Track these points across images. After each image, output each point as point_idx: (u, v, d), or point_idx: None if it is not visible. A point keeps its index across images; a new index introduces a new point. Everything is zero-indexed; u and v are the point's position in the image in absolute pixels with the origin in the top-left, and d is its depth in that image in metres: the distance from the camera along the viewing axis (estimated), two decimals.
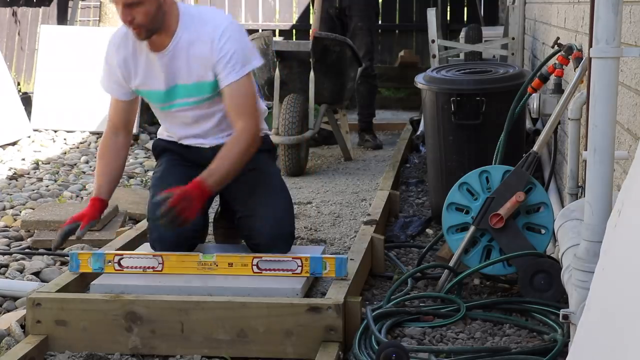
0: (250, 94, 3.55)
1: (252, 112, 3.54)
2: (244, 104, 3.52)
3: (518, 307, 3.37)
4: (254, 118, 3.54)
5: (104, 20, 8.66)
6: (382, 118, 8.51)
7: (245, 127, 3.49)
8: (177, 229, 3.49)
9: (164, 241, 3.54)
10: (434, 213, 4.72)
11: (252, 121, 3.52)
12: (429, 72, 4.76)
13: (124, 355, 3.08)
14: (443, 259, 3.80)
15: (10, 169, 6.18)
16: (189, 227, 3.49)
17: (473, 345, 3.07)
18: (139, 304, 3.09)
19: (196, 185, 3.37)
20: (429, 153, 4.81)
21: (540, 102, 3.99)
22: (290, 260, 3.37)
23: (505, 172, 3.62)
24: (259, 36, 6.20)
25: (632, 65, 2.94)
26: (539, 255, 3.48)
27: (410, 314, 3.29)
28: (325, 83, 6.12)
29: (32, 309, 3.12)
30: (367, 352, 2.92)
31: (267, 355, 3.04)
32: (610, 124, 2.30)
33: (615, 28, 2.24)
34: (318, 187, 5.56)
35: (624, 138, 3.00)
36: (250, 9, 12.44)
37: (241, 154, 3.47)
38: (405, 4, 11.70)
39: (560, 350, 2.84)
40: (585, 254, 2.34)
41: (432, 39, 6.76)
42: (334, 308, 3.01)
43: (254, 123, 3.53)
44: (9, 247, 4.41)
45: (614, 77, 2.29)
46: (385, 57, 11.55)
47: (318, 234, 4.40)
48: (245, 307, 3.05)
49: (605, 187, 2.32)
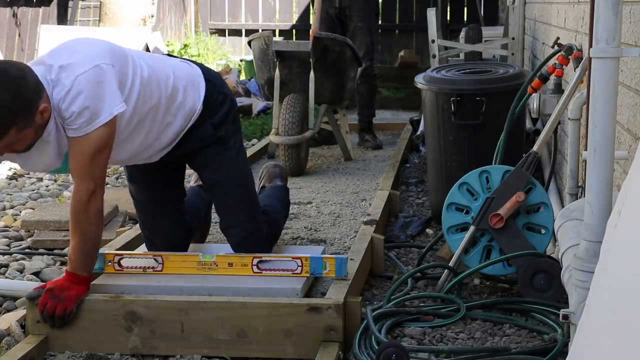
0: (85, 153, 3.10)
1: (86, 173, 3.11)
2: (77, 161, 3.13)
3: (518, 307, 3.37)
4: (85, 180, 3.12)
5: (104, 20, 8.66)
6: (382, 118, 8.51)
7: (74, 193, 3.15)
8: (169, 236, 3.53)
9: (159, 235, 3.62)
10: (434, 213, 4.72)
11: (82, 184, 3.13)
12: (429, 72, 4.76)
13: (124, 355, 3.08)
14: (443, 259, 3.80)
15: (10, 169, 6.17)
16: (178, 234, 3.59)
17: (473, 345, 3.07)
18: (139, 304, 3.09)
19: (66, 277, 3.15)
20: (429, 153, 4.81)
21: (540, 102, 3.99)
22: (290, 260, 3.37)
23: (505, 172, 3.62)
24: (259, 36, 6.20)
25: (632, 65, 2.94)
26: (539, 255, 3.48)
27: (410, 314, 3.29)
28: (325, 83, 6.12)
29: (32, 309, 3.11)
30: (367, 352, 2.92)
31: (267, 355, 3.04)
32: (610, 124, 2.30)
33: (615, 28, 2.24)
34: (318, 187, 5.56)
35: (624, 138, 3.00)
36: (250, 9, 12.44)
37: (76, 225, 3.13)
38: (405, 4, 11.72)
39: (560, 350, 2.84)
40: (585, 254, 2.34)
41: (432, 39, 6.76)
42: (334, 308, 3.01)
43: (85, 185, 3.12)
44: (9, 247, 4.41)
45: (614, 77, 2.29)
46: (385, 57, 11.56)
47: (318, 234, 4.39)
48: (245, 307, 3.05)
49: (605, 187, 2.32)
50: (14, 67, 2.99)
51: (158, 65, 3.38)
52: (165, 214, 3.62)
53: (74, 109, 3.03)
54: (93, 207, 3.13)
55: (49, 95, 3.02)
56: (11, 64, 3.02)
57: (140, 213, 3.68)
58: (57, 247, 4.36)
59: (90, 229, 3.16)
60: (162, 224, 3.62)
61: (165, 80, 3.36)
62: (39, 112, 2.98)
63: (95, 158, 3.11)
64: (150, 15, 9.66)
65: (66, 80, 3.03)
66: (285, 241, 4.25)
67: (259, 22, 12.35)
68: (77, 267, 3.15)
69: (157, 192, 3.63)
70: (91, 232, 3.16)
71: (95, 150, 3.09)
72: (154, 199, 3.63)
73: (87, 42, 3.21)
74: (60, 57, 3.11)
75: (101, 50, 3.14)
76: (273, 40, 6.11)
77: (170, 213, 3.63)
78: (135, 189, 3.65)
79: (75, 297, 3.10)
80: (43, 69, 3.06)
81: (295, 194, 5.33)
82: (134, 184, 3.64)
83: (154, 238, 3.64)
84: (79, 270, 3.15)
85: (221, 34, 12.60)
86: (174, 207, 3.65)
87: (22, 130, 2.96)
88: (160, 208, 3.62)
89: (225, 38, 12.56)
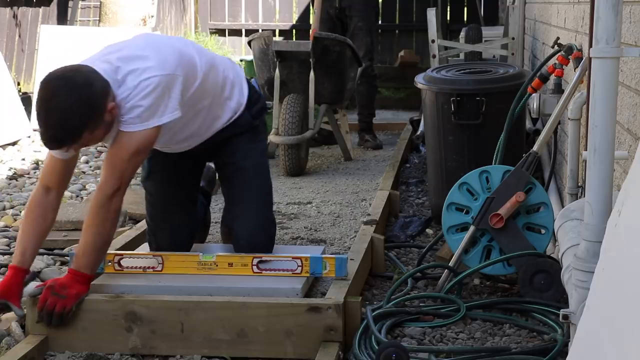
0: (122, 151, 3.18)
1: (115, 171, 3.18)
2: (112, 157, 3.21)
3: (518, 307, 3.37)
4: (114, 177, 3.18)
5: (104, 20, 8.66)
6: (382, 118, 8.51)
7: (100, 185, 3.20)
8: (171, 237, 3.53)
9: (161, 248, 3.61)
10: (434, 213, 4.72)
11: (111, 178, 3.18)
12: (429, 72, 4.76)
13: (124, 355, 3.08)
14: (443, 259, 3.80)
15: (10, 169, 6.17)
16: (184, 233, 3.59)
17: (473, 345, 3.07)
18: (139, 304, 3.09)
19: (69, 275, 3.15)
20: (429, 153, 4.81)
21: (540, 102, 3.99)
22: (290, 260, 3.37)
23: (505, 172, 3.62)
24: (259, 36, 6.21)
25: (632, 65, 2.94)
26: (539, 255, 3.48)
27: (410, 314, 3.29)
28: (325, 83, 6.12)
29: (32, 309, 3.11)
30: (367, 352, 2.92)
31: (267, 355, 3.04)
32: (610, 124, 2.30)
33: (615, 28, 2.24)
34: (318, 187, 5.56)
35: (624, 138, 3.00)
36: (250, 9, 12.44)
37: (93, 220, 3.16)
38: (405, 4, 11.72)
39: (560, 350, 2.84)
40: (585, 254, 2.34)
41: (432, 39, 6.77)
42: (334, 308, 3.01)
43: (113, 182, 3.17)
44: (9, 247, 4.41)
45: (614, 77, 2.29)
46: (385, 57, 11.56)
47: (318, 234, 4.40)
48: (245, 307, 3.05)
49: (605, 187, 2.32)
50: (79, 73, 3.07)
51: (214, 63, 3.50)
52: (176, 210, 3.66)
53: (131, 105, 3.13)
54: (114, 205, 3.17)
55: (114, 93, 3.12)
56: (75, 70, 3.09)
57: (150, 206, 3.70)
58: (57, 247, 4.36)
59: (106, 226, 3.18)
60: (170, 219, 3.65)
61: (219, 78, 3.51)
62: (107, 112, 3.08)
63: (132, 158, 3.19)
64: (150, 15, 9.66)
65: (131, 83, 3.14)
66: (285, 241, 4.25)
67: (259, 22, 12.35)
68: (82, 265, 3.15)
69: (172, 187, 3.68)
70: (106, 229, 3.19)
71: (135, 149, 3.18)
72: (168, 193, 3.68)
73: (157, 47, 3.28)
74: (129, 60, 3.18)
75: (171, 58, 3.24)
76: (273, 40, 6.11)
77: (181, 210, 3.68)
78: (152, 184, 3.69)
79: (75, 295, 3.09)
80: (110, 68, 3.15)
81: (295, 194, 5.33)
82: (152, 179, 3.68)
83: (159, 232, 3.65)
84: (84, 269, 3.15)
85: (221, 34, 12.60)
86: (186, 206, 3.71)
87: (94, 131, 3.08)
88: (173, 204, 3.68)
89: (225, 38, 12.56)
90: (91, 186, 5.70)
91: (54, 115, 3.00)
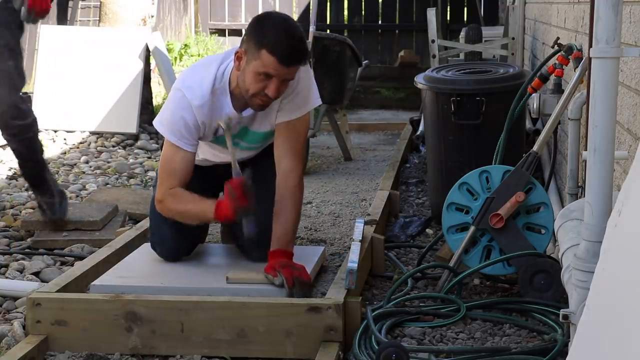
0: (303, 134, 3.53)
1: (301, 153, 3.52)
2: (296, 142, 3.48)
3: (518, 307, 3.37)
4: (301, 159, 3.51)
5: (104, 20, 8.65)
6: (382, 118, 8.52)
7: (293, 172, 3.45)
8: (179, 232, 3.49)
9: (165, 242, 3.56)
10: (434, 213, 4.72)
11: (299, 162, 3.48)
12: (429, 72, 4.76)
13: (124, 355, 3.08)
14: (443, 259, 3.80)
15: (10, 169, 6.17)
16: (189, 231, 3.51)
17: (473, 345, 3.07)
18: (139, 304, 3.09)
19: (285, 258, 3.30)
20: (429, 153, 4.81)
21: (540, 102, 3.99)
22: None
23: (505, 172, 3.62)
24: None
25: (632, 65, 2.94)
26: (539, 255, 3.48)
27: (410, 314, 3.29)
28: (325, 83, 6.12)
29: (32, 309, 3.11)
30: (367, 352, 2.92)
31: (267, 355, 3.04)
32: (610, 124, 2.29)
33: (615, 28, 2.24)
34: (318, 187, 5.56)
35: (624, 138, 3.00)
36: (250, 9, 12.43)
37: (298, 202, 3.46)
38: (405, 4, 11.70)
39: (560, 350, 2.84)
40: (585, 254, 2.34)
41: (432, 39, 6.76)
42: (334, 308, 3.01)
43: (301, 165, 3.50)
44: (9, 247, 4.41)
45: (614, 77, 2.29)
46: (385, 57, 11.55)
47: (318, 234, 4.39)
48: (245, 307, 3.05)
49: (605, 187, 2.32)
50: None
51: None
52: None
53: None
54: (303, 184, 3.50)
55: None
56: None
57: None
58: (57, 247, 4.36)
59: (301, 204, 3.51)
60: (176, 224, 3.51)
61: None
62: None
63: (305, 137, 3.57)
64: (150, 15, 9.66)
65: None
66: None
67: None
68: (290, 243, 3.35)
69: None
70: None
71: (307, 130, 3.56)
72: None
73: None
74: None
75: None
76: None
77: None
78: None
79: (301, 266, 3.27)
80: None
81: None
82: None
83: (162, 224, 3.53)
84: (291, 247, 3.36)
85: (221, 34, 12.59)
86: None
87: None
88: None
89: (225, 38, 12.55)
90: (91, 186, 5.70)
91: (299, 30, 3.24)
